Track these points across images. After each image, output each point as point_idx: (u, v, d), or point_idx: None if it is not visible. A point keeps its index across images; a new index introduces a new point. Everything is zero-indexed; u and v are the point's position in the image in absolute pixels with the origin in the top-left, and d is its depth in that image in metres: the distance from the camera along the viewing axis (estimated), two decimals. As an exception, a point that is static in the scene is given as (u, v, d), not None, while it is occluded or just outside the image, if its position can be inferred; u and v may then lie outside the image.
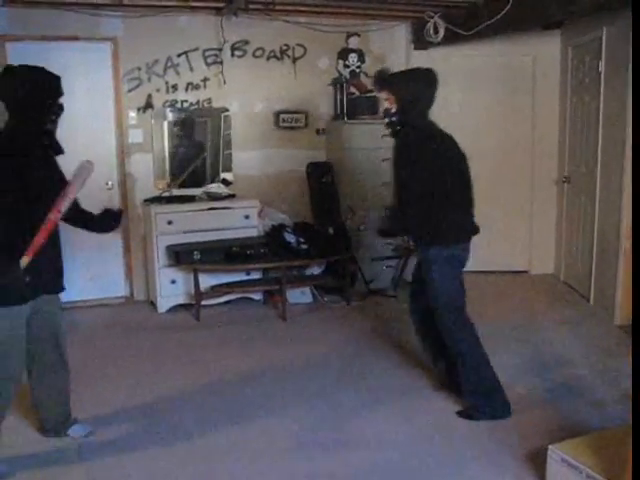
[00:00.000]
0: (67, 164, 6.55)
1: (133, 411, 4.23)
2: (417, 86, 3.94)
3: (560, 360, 4.97)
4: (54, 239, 3.56)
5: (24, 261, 3.20)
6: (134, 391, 4.52)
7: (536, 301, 6.55)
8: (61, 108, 3.58)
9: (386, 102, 4.06)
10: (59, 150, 3.71)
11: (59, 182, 3.63)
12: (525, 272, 7.55)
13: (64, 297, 6.49)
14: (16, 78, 3.40)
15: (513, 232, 7.51)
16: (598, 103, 6.08)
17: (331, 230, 6.53)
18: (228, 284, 6.24)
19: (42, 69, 3.54)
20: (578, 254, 6.74)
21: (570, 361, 4.93)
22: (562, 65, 7.10)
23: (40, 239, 3.28)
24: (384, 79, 4.09)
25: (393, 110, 3.99)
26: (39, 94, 3.44)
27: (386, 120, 4.11)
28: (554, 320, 5.92)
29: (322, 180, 6.82)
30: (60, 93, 3.57)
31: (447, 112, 7.24)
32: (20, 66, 3.53)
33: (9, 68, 3.52)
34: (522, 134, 7.40)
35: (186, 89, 6.66)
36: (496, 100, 7.37)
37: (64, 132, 6.42)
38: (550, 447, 3.21)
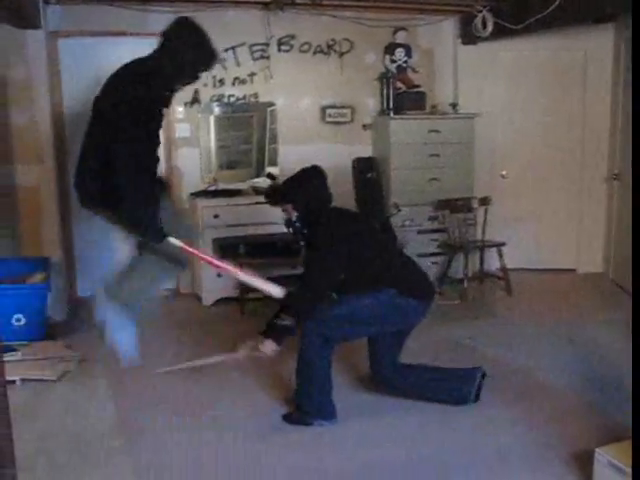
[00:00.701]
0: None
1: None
2: (310, 186, 4.02)
3: (607, 361, 4.88)
4: None
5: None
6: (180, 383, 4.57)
7: (583, 300, 6.45)
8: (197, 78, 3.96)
9: (284, 213, 4.08)
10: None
11: None
12: (573, 270, 7.43)
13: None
14: (188, 38, 3.87)
15: (561, 230, 7.40)
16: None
17: (376, 226, 6.50)
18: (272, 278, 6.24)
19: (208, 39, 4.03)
20: (628, 253, 6.60)
21: (618, 362, 4.84)
22: (615, 60, 6.96)
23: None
24: (277, 194, 4.14)
25: (294, 218, 4.04)
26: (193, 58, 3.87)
27: (290, 230, 4.14)
28: (602, 320, 5.81)
29: (367, 175, 6.79)
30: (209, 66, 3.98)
31: (495, 108, 7.21)
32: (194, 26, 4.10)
33: (184, 22, 4.06)
34: (572, 131, 7.28)
35: (233, 84, 6.69)
36: (545, 96, 7.26)
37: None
38: (597, 450, 3.16)
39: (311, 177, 4.08)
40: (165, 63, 3.71)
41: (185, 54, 3.70)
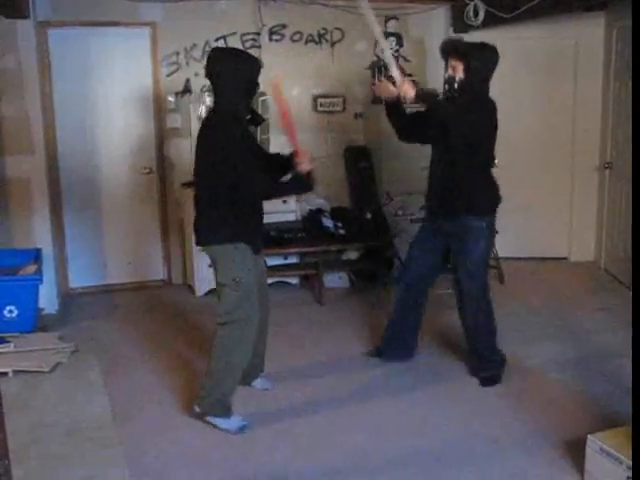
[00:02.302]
0: (105, 147, 6.65)
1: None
2: (486, 58, 4.20)
3: (600, 349, 4.91)
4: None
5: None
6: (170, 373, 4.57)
7: (576, 288, 6.47)
8: (258, 86, 3.89)
9: (450, 70, 4.22)
10: (259, 120, 4.19)
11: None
12: (564, 259, 7.45)
13: (103, 280, 6.65)
14: (225, 61, 3.74)
15: (553, 218, 7.41)
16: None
17: (369, 215, 6.50)
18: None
19: (243, 53, 4.01)
20: (619, 241, 6.64)
21: (610, 350, 4.87)
22: (606, 48, 6.95)
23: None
24: (457, 47, 4.30)
25: (458, 78, 4.17)
26: (244, 76, 3.74)
27: (446, 87, 4.30)
28: (594, 308, 5.84)
29: (360, 165, 6.79)
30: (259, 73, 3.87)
31: (487, 96, 7.20)
32: (226, 50, 4.25)
33: (217, 51, 4.01)
34: (564, 119, 7.27)
35: (224, 73, 6.65)
36: (537, 85, 7.25)
37: (104, 116, 6.56)
38: (589, 437, 3.18)
39: (490, 51, 4.24)
40: (223, 101, 3.76)
41: (231, 79, 3.70)
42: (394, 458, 3.49)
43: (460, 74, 4.14)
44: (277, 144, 6.62)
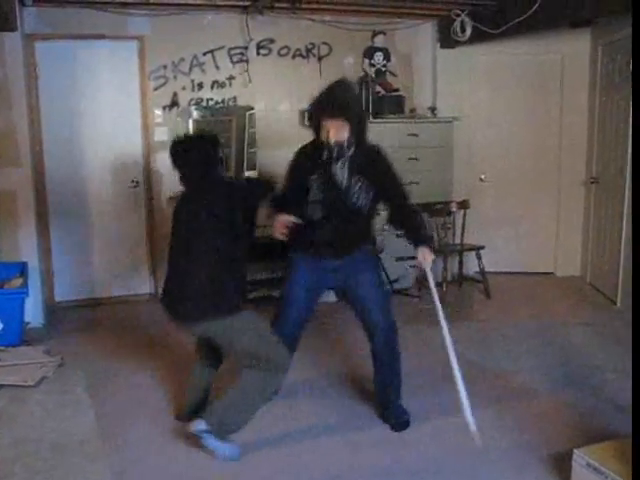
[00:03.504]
0: (92, 161, 6.64)
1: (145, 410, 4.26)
2: (360, 98, 4.04)
3: (586, 363, 4.92)
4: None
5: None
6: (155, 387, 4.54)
7: (562, 303, 6.49)
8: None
9: (330, 133, 3.71)
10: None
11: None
12: (550, 274, 7.49)
13: (89, 293, 6.61)
14: (191, 150, 3.83)
15: (539, 233, 7.46)
16: (629, 103, 6.00)
17: (355, 229, 6.49)
18: (252, 282, 6.23)
19: (204, 137, 4.07)
20: (605, 256, 6.67)
21: (596, 364, 4.88)
22: (592, 64, 7.02)
23: None
24: (338, 106, 3.73)
25: (346, 139, 3.73)
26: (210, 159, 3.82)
27: (336, 150, 3.73)
28: (580, 322, 5.86)
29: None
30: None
31: (474, 112, 7.25)
32: (189, 137, 4.38)
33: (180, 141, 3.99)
34: (550, 134, 7.33)
35: (212, 87, 6.67)
36: (524, 99, 7.31)
37: (91, 129, 6.55)
38: (575, 451, 3.18)
39: (354, 88, 4.01)
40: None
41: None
42: (377, 474, 3.47)
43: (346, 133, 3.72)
44: (264, 156, 6.64)
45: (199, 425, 3.61)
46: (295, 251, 3.97)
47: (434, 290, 3.90)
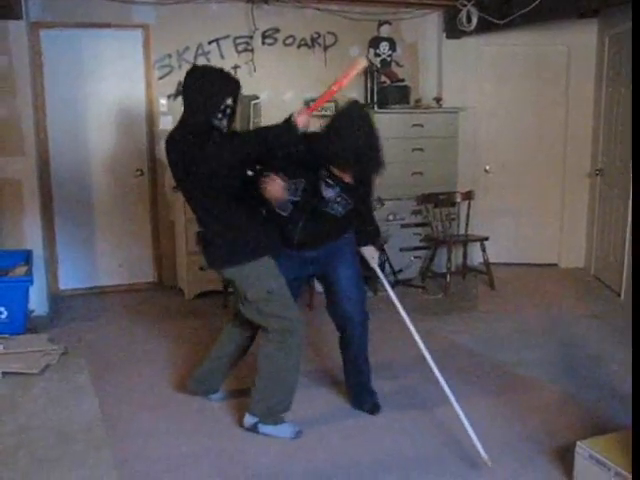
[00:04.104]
0: (97, 149, 6.63)
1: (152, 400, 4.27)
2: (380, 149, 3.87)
3: (590, 355, 4.92)
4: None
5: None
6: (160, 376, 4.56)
7: (566, 295, 6.49)
8: (228, 107, 3.62)
9: (344, 176, 3.70)
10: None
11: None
12: (554, 265, 7.48)
13: (93, 281, 6.63)
14: (190, 77, 3.59)
15: (543, 225, 7.44)
16: (634, 94, 5.98)
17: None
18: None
19: (217, 70, 3.68)
20: (610, 248, 6.66)
21: (600, 356, 4.88)
22: (598, 55, 6.99)
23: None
24: (365, 169, 3.76)
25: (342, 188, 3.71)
26: (205, 93, 3.55)
27: (337, 200, 3.72)
28: (584, 314, 5.85)
29: (351, 169, 6.78)
30: (227, 94, 3.59)
31: (479, 103, 7.23)
32: (197, 66, 3.94)
33: (191, 68, 3.78)
34: (555, 125, 7.31)
35: (217, 76, 6.65)
36: (529, 90, 7.28)
37: (96, 117, 6.54)
38: (578, 443, 3.17)
39: (376, 133, 3.76)
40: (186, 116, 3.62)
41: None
42: (379, 466, 3.48)
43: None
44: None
45: (248, 419, 3.74)
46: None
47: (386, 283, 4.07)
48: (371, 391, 4.09)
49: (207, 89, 3.54)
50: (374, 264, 4.07)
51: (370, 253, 4.06)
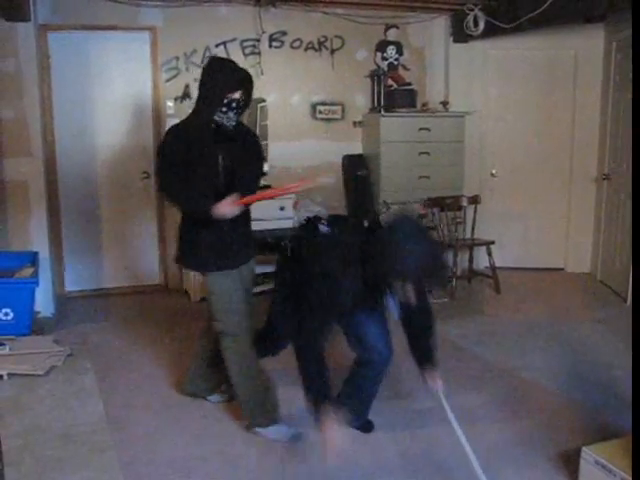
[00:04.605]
0: (104, 151, 6.64)
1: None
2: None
3: (595, 360, 4.90)
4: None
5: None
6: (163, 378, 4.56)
7: (572, 299, 6.47)
8: (234, 101, 3.55)
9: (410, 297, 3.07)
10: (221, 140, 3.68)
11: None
12: (560, 270, 7.47)
13: (99, 284, 6.64)
14: (203, 69, 3.64)
15: (549, 229, 7.43)
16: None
17: (366, 223, 6.48)
18: (263, 275, 6.23)
19: (225, 62, 3.71)
20: (616, 253, 6.64)
21: (606, 362, 4.86)
22: (605, 60, 6.98)
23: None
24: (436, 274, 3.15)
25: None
26: (208, 85, 3.56)
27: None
28: (590, 319, 5.84)
29: (357, 173, 6.80)
30: (232, 88, 3.53)
31: (486, 107, 7.23)
32: (213, 58, 3.97)
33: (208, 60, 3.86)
34: (561, 130, 7.30)
35: (224, 79, 6.66)
36: (536, 95, 7.28)
37: (103, 120, 6.56)
38: (584, 449, 3.17)
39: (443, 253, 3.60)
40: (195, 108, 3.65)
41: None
42: (384, 469, 3.47)
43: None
44: (275, 148, 6.63)
45: (246, 424, 3.81)
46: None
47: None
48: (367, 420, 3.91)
49: (211, 81, 3.56)
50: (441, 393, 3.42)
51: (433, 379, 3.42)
